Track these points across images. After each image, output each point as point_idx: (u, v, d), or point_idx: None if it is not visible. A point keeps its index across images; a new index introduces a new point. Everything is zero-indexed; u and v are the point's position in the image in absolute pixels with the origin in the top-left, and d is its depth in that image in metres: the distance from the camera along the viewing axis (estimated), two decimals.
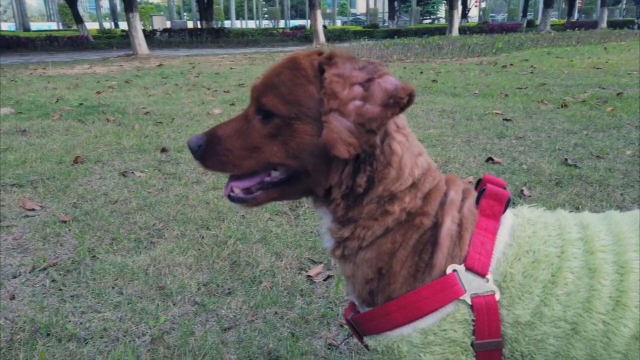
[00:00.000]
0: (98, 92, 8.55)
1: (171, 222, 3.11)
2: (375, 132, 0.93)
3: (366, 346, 1.12)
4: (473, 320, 0.96)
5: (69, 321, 2.15)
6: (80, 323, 2.14)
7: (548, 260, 0.97)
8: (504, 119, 5.54)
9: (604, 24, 28.35)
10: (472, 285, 0.97)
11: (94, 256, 2.71)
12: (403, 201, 1.02)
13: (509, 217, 1.07)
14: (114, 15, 47.91)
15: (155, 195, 3.57)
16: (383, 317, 1.02)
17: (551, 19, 28.30)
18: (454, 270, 0.98)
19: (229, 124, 1.07)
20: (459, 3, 27.31)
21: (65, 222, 3.11)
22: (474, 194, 1.10)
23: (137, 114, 6.61)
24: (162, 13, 50.72)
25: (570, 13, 36.05)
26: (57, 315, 2.17)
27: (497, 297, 0.96)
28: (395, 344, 1.01)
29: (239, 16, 57.35)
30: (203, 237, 2.88)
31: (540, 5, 36.74)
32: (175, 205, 3.37)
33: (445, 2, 46.45)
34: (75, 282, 2.45)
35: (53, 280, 2.47)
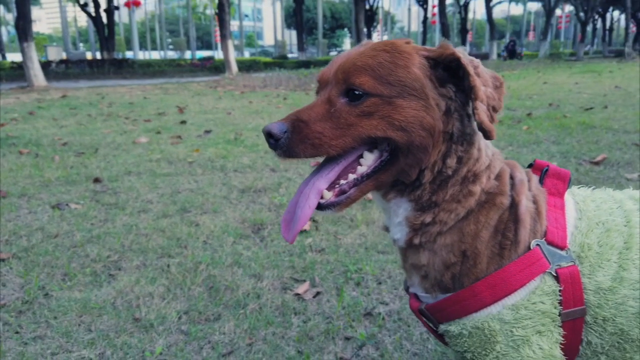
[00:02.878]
0: (1, 125, 7.82)
1: (127, 252, 2.88)
2: (499, 111, 0.99)
3: (440, 336, 1.10)
4: (560, 291, 1.00)
5: None
6: None
7: (618, 229, 1.05)
8: None
9: (494, 56, 31.10)
10: (555, 257, 1.02)
11: (46, 294, 2.43)
12: (482, 181, 1.05)
13: (568, 196, 1.13)
14: (0, 46, 44.51)
15: (100, 227, 3.30)
16: (469, 299, 1.02)
17: None
18: (538, 245, 1.02)
19: (311, 108, 1.02)
20: (364, 36, 28.67)
21: (3, 260, 2.76)
22: (535, 176, 1.15)
23: (54, 145, 6.13)
24: (55, 44, 47.95)
25: (463, 44, 39.23)
26: (22, 359, 1.91)
27: (578, 267, 1.02)
28: (485, 324, 1.01)
29: (142, 47, 55.74)
30: (169, 266, 2.69)
31: (437, 39, 39.65)
32: (127, 235, 3.13)
33: (350, 35, 48.57)
34: (34, 323, 2.17)
35: (6, 323, 2.17)
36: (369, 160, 1.03)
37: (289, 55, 45.16)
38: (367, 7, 36.60)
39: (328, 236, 3.01)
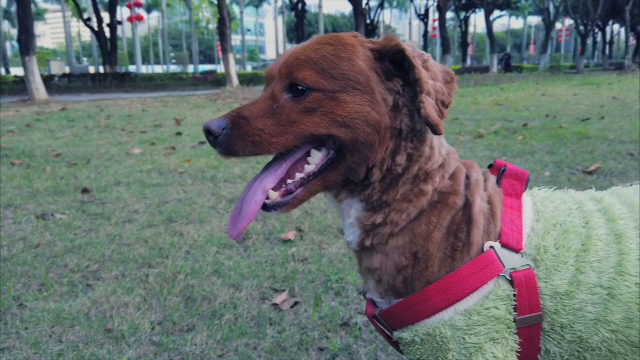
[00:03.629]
0: None
1: (107, 262, 2.83)
2: (449, 106, 0.95)
3: (395, 343, 1.05)
4: (514, 296, 0.95)
5: None
6: None
7: (576, 231, 1.00)
8: None
9: (495, 69, 31.20)
10: (509, 260, 0.97)
11: (21, 304, 2.37)
12: (434, 180, 1.01)
13: (526, 197, 1.09)
14: (4, 60, 44.89)
15: (83, 237, 3.25)
16: (421, 304, 0.97)
17: (449, 65, 30.67)
18: (491, 247, 0.97)
19: (254, 104, 0.98)
20: None
21: None
22: (492, 176, 1.11)
23: (47, 156, 6.11)
24: (59, 58, 48.31)
25: (464, 59, 39.36)
26: None
27: (534, 270, 0.97)
28: (437, 330, 0.96)
29: (145, 61, 56.17)
30: (147, 276, 2.63)
31: (438, 53, 39.82)
32: (109, 245, 3.08)
33: None
34: (4, 334, 2.12)
35: None
36: (316, 158, 0.99)
37: None
38: (368, 21, 36.86)
39: (312, 245, 2.96)
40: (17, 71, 23.48)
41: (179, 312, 2.25)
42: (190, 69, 50.51)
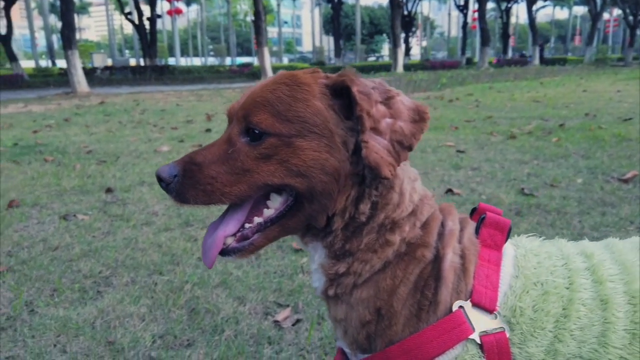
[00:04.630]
0: (34, 132, 8.09)
1: (120, 268, 2.85)
2: (412, 149, 0.88)
3: None
4: None
5: None
6: None
7: (558, 292, 0.90)
8: (457, 151, 5.62)
9: (537, 61, 30.18)
10: (480, 322, 0.88)
11: (32, 310, 2.42)
12: (403, 230, 0.93)
13: (509, 248, 1.00)
14: (51, 53, 46.49)
15: (101, 240, 3.30)
16: None
17: (489, 57, 29.87)
18: (461, 307, 0.89)
19: (208, 149, 0.94)
20: (402, 41, 28.39)
21: None
22: (471, 224, 1.02)
23: (79, 153, 6.26)
24: (102, 50, 49.68)
25: (505, 51, 38.24)
26: None
27: (508, 334, 0.88)
28: None
29: (184, 53, 57.14)
30: (156, 284, 2.64)
31: (478, 44, 38.82)
32: (124, 249, 3.11)
33: (388, 40, 48.26)
34: (11, 341, 2.15)
35: None
36: (276, 202, 0.94)
37: (328, 62, 45.26)
38: (406, 12, 36.25)
39: None
40: (62, 63, 24.23)
41: (181, 325, 2.24)
42: (227, 61, 51.07)
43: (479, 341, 0.87)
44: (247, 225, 0.95)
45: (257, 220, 0.94)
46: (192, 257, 2.96)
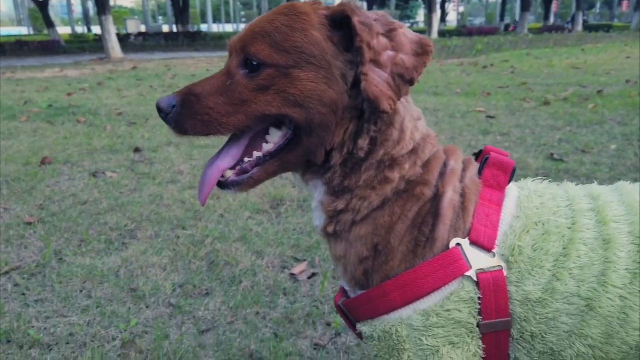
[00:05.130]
0: (69, 94, 8.27)
1: (144, 222, 2.93)
2: (413, 83, 0.86)
3: (359, 334, 1.00)
4: (479, 299, 0.87)
5: (32, 327, 1.97)
6: (45, 329, 1.96)
7: (559, 232, 0.88)
8: (487, 116, 5.49)
9: (580, 28, 28.85)
10: (477, 260, 0.88)
11: (60, 259, 2.52)
12: (403, 167, 0.92)
13: (514, 189, 0.98)
14: (86, 20, 47.03)
15: (128, 196, 3.39)
16: (379, 299, 0.91)
17: (529, 23, 28.72)
18: (458, 244, 0.88)
19: (207, 80, 0.94)
20: (438, 7, 27.53)
21: (30, 224, 2.91)
22: (475, 165, 1.00)
23: (110, 115, 6.39)
24: (136, 17, 49.99)
25: (546, 17, 36.63)
26: (19, 321, 1.99)
27: (505, 272, 0.87)
28: (393, 328, 0.90)
29: (216, 20, 57.02)
30: (179, 237, 2.71)
31: (518, 10, 37.33)
32: (149, 205, 3.19)
33: (424, 6, 46.88)
34: (40, 286, 2.26)
35: (16, 285, 2.28)
36: (275, 137, 0.94)
37: None
38: None
39: None
40: (98, 30, 24.61)
41: (200, 276, 2.30)
42: None
43: (475, 278, 0.86)
44: (246, 160, 0.95)
45: (257, 154, 0.95)
46: (215, 214, 3.02)
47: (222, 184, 0.95)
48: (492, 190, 0.93)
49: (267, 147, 0.94)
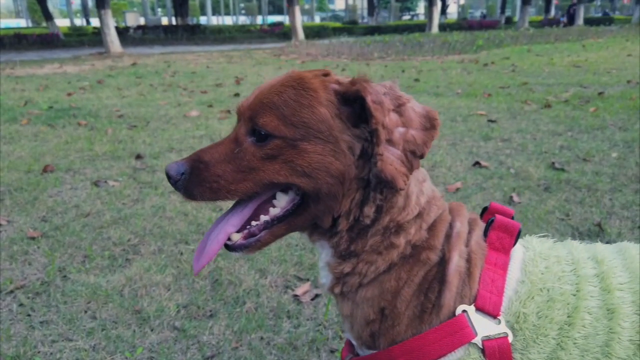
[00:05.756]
0: (69, 94, 8.26)
1: (147, 236, 2.95)
2: (423, 157, 0.88)
3: None
4: None
5: (38, 352, 1.99)
6: (51, 354, 1.98)
7: (564, 299, 0.90)
8: (488, 120, 5.49)
9: (581, 21, 28.71)
10: (483, 327, 0.89)
11: (64, 276, 2.53)
12: (408, 232, 0.94)
13: (518, 250, 0.99)
14: (85, 12, 46.76)
15: (130, 207, 3.40)
16: None
17: (529, 16, 28.56)
18: (464, 311, 0.90)
19: (215, 147, 0.95)
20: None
21: (33, 238, 2.92)
22: (480, 225, 1.02)
23: (110, 117, 6.38)
24: (135, 9, 49.69)
25: (547, 10, 36.41)
26: (25, 346, 2.01)
27: (510, 339, 0.88)
28: None
29: (215, 12, 56.71)
30: (182, 253, 2.72)
31: (519, 2, 37.10)
32: (152, 217, 3.20)
33: None
34: (45, 306, 2.28)
35: (21, 305, 2.30)
36: (282, 201, 0.95)
37: (361, 21, 44.21)
38: None
39: None
40: (97, 22, 24.48)
41: (204, 296, 2.32)
42: (259, 19, 50.49)
43: (480, 345, 0.87)
44: (253, 223, 0.97)
45: (264, 218, 0.96)
46: None
47: (230, 247, 0.96)
48: (498, 254, 0.94)
49: (275, 211, 0.95)
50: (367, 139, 0.89)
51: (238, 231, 0.96)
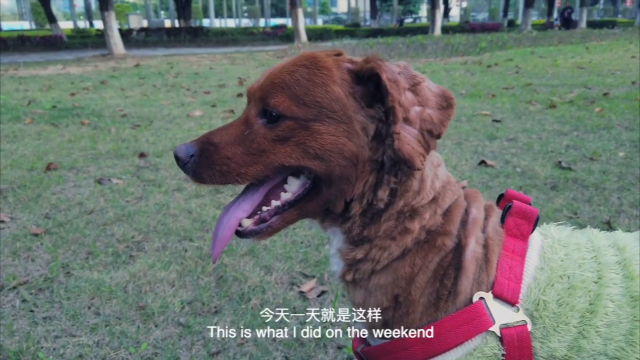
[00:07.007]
0: (72, 94, 8.26)
1: (151, 233, 2.92)
2: (440, 137, 0.85)
3: None
4: (503, 355, 0.85)
5: (41, 347, 1.96)
6: (54, 349, 1.96)
7: (585, 287, 0.87)
8: (493, 120, 5.45)
9: (584, 24, 28.67)
10: (501, 315, 0.86)
11: (68, 272, 2.51)
12: (423, 217, 0.91)
13: (537, 237, 0.96)
14: (88, 14, 46.90)
15: (134, 205, 3.37)
16: (400, 352, 0.90)
17: (532, 19, 28.55)
18: (481, 298, 0.87)
19: (226, 129, 0.93)
20: (441, 2, 27.36)
21: (37, 235, 2.90)
22: (497, 212, 0.99)
23: (114, 116, 6.37)
24: (138, 12, 49.80)
25: (550, 13, 36.38)
26: (27, 341, 1.98)
27: (530, 327, 0.86)
28: None
29: (218, 14, 56.81)
30: (186, 250, 2.70)
31: (521, 5, 37.08)
32: (156, 214, 3.18)
33: (426, 1, 46.63)
34: (48, 302, 2.25)
35: (24, 301, 2.27)
36: (293, 186, 0.92)
37: (364, 23, 44.24)
38: None
39: None
40: (100, 24, 24.55)
41: (209, 292, 2.29)
42: (261, 22, 50.56)
43: (499, 334, 0.85)
44: (264, 208, 0.94)
45: (275, 203, 0.93)
46: None
47: (241, 233, 0.94)
48: (516, 240, 0.92)
49: (286, 196, 0.93)
50: (382, 120, 0.86)
51: (249, 217, 0.94)
